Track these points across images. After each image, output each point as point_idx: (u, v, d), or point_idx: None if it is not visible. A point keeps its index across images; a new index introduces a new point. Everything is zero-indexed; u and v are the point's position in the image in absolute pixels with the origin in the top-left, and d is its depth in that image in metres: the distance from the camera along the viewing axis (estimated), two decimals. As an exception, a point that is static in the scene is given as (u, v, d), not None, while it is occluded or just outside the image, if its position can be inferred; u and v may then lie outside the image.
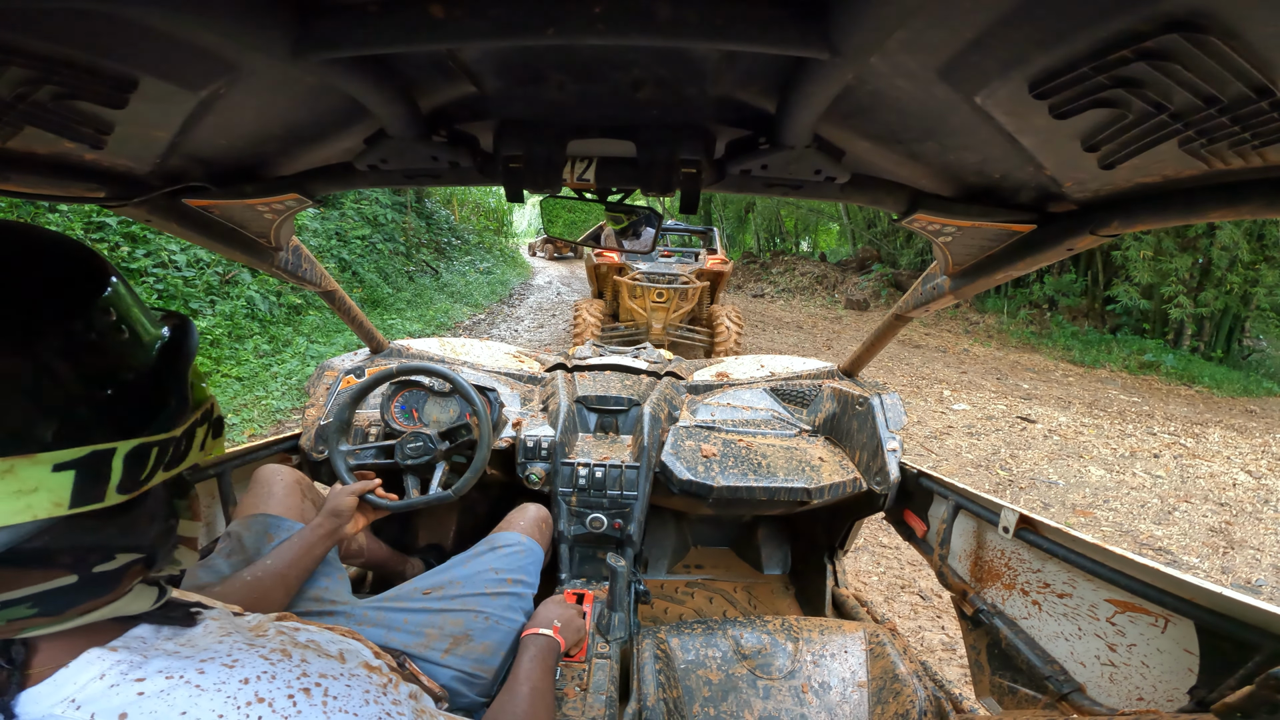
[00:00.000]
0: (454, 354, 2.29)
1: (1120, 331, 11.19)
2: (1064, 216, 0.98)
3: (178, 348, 0.53)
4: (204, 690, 0.47)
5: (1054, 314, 12.02)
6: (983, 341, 10.99)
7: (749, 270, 17.51)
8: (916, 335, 10.94)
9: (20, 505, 0.40)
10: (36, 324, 0.42)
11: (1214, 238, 9.76)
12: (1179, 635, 1.02)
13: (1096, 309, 11.91)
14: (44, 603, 0.45)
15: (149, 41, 0.60)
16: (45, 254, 0.46)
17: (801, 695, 1.25)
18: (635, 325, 6.57)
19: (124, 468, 0.46)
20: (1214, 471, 4.99)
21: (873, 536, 3.37)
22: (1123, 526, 3.88)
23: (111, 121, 0.75)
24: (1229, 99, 0.52)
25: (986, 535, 1.49)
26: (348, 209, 9.09)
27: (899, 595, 2.89)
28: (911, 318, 1.79)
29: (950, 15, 0.53)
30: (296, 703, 0.50)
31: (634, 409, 1.98)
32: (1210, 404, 8.16)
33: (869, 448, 1.82)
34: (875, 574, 3.06)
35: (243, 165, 1.07)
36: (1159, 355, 10.01)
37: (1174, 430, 6.23)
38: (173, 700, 0.46)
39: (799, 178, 0.95)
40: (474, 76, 0.81)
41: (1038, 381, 8.24)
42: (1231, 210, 0.73)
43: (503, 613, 1.26)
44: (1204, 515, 4.12)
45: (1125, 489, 4.49)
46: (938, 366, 8.56)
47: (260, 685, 0.49)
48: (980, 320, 12.28)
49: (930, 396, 6.77)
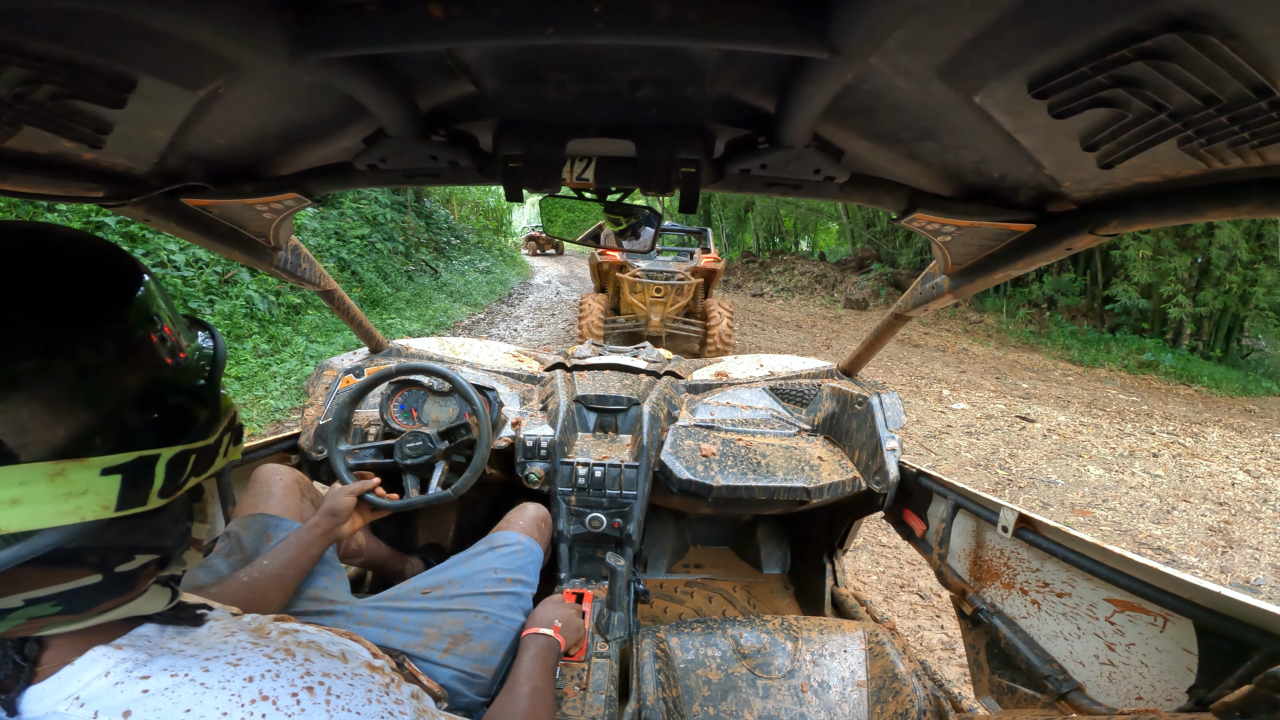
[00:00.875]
0: (453, 353, 2.29)
1: (1119, 331, 11.27)
2: (1063, 216, 0.98)
3: (212, 358, 0.55)
4: (209, 688, 0.48)
5: (1053, 313, 12.08)
6: (982, 341, 11.04)
7: (748, 269, 17.52)
8: (915, 335, 10.97)
9: (70, 507, 0.42)
10: (78, 325, 0.43)
11: (1213, 237, 9.77)
12: (1178, 635, 1.02)
13: (1095, 308, 11.96)
14: (68, 601, 0.46)
15: (147, 41, 0.60)
16: (81, 256, 0.46)
17: (801, 695, 1.25)
18: (635, 318, 7.13)
19: (166, 473, 0.47)
20: (1213, 471, 5.00)
21: (872, 536, 3.38)
22: (1121, 526, 3.88)
23: (110, 121, 0.75)
24: (1228, 99, 0.52)
25: (986, 534, 1.49)
26: (347, 208, 9.08)
27: (898, 594, 2.90)
28: (911, 317, 1.79)
29: (949, 15, 0.53)
30: (300, 701, 0.50)
31: (633, 408, 1.98)
32: (1209, 403, 8.18)
33: (868, 447, 1.82)
34: (875, 573, 3.07)
35: (242, 165, 1.07)
36: (1158, 355, 10.05)
37: (1173, 430, 6.26)
38: (177, 698, 0.46)
39: (798, 177, 0.95)
40: (473, 76, 0.81)
41: (1037, 381, 8.26)
42: (1230, 210, 0.73)
43: (502, 612, 1.26)
44: (1203, 514, 4.13)
45: (1124, 488, 4.49)
46: (937, 366, 8.57)
47: (264, 684, 0.50)
48: (980, 320, 12.31)
49: (930, 396, 6.77)
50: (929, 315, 11.89)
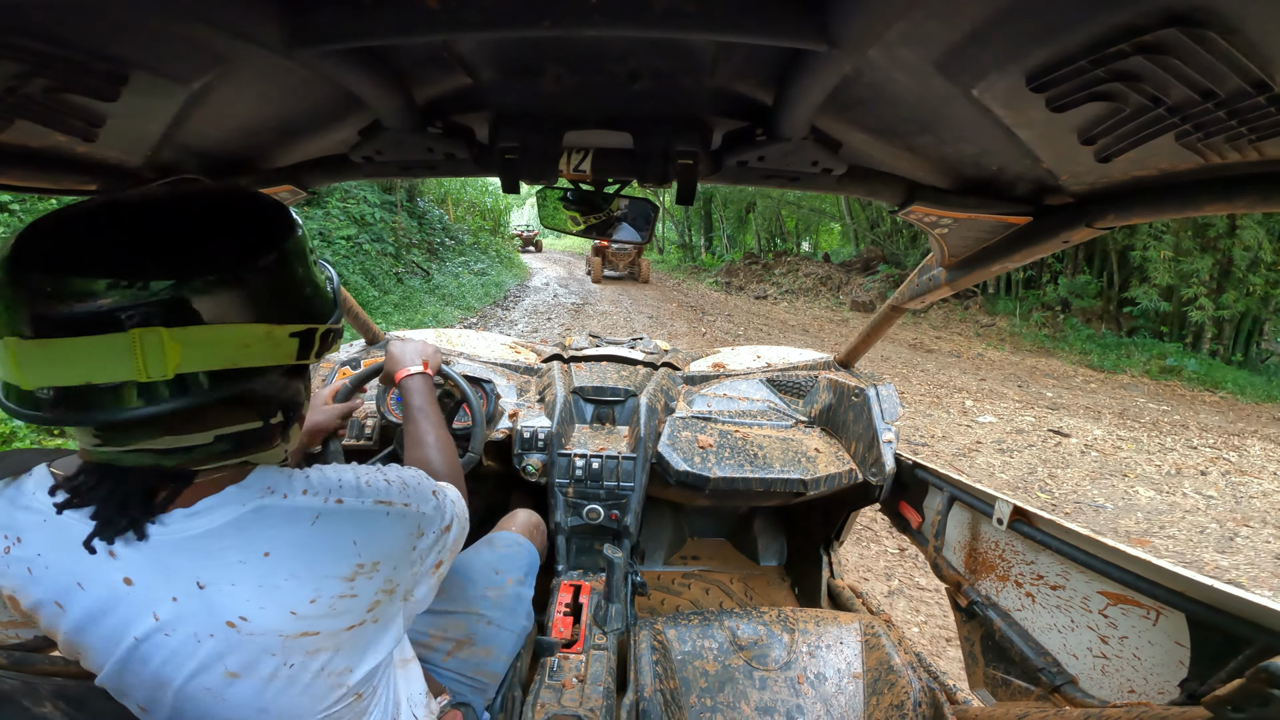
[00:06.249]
0: (450, 345, 2.29)
1: (1137, 334, 10.80)
2: (1060, 209, 0.98)
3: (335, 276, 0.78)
4: (343, 469, 0.71)
5: (1067, 316, 11.60)
6: (996, 345, 10.63)
7: (751, 271, 17.11)
8: (928, 339, 10.61)
9: (278, 353, 0.63)
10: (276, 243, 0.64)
11: (1236, 237, 9.34)
12: (1170, 628, 1.03)
13: (1111, 311, 11.47)
14: (235, 441, 0.65)
15: (141, 34, 0.60)
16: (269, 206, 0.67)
17: (797, 686, 1.26)
18: (614, 266, 15.86)
19: (319, 342, 0.69)
20: (1266, 490, 4.64)
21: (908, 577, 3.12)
22: (1185, 556, 3.56)
23: (103, 114, 0.75)
24: (1226, 93, 0.52)
25: (981, 527, 1.50)
26: (332, 208, 8.78)
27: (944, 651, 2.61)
28: (908, 309, 1.79)
29: (948, 8, 0.52)
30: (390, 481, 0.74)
31: (630, 400, 1.98)
32: (1238, 412, 7.72)
33: (864, 439, 1.82)
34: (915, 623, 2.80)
35: (236, 157, 1.06)
36: (1180, 360, 9.55)
37: (1213, 443, 5.85)
38: (327, 473, 0.69)
39: (796, 169, 0.95)
40: (469, 68, 0.81)
41: (1060, 389, 7.85)
42: (1226, 204, 0.74)
43: (504, 617, 1.25)
44: (1266, 541, 3.79)
45: (1178, 512, 4.15)
46: (954, 373, 8.19)
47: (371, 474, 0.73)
48: (992, 323, 11.85)
49: (953, 408, 6.34)
50: (939, 318, 11.74)
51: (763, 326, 10.93)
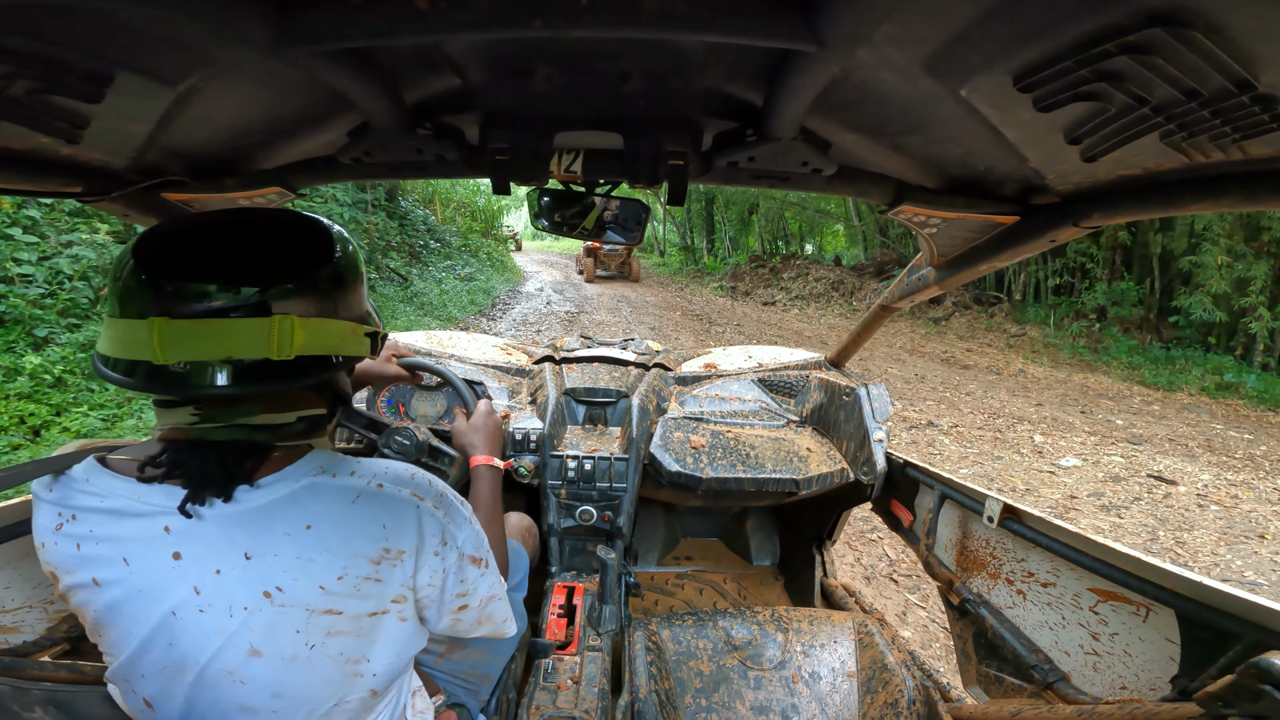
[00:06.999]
0: (441, 347, 2.27)
1: (1183, 345, 9.79)
2: (1047, 208, 0.99)
3: None
4: (390, 461, 0.78)
5: (1105, 326, 10.56)
6: (1034, 359, 9.64)
7: (757, 275, 15.83)
8: (959, 352, 9.74)
9: (360, 347, 0.77)
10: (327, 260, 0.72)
11: None
12: (1160, 624, 1.03)
13: (1152, 320, 10.40)
14: (310, 423, 0.76)
15: (126, 35, 0.59)
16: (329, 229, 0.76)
17: (792, 685, 1.27)
18: (606, 266, 15.97)
19: (380, 342, 0.82)
20: None
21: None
22: None
23: (87, 116, 0.74)
24: (1210, 93, 0.53)
25: (972, 525, 1.51)
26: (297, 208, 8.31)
27: None
28: (898, 308, 1.80)
29: (936, 8, 0.53)
30: (433, 483, 0.79)
31: (622, 401, 1.97)
32: None
33: (856, 438, 1.83)
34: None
35: (223, 159, 1.05)
36: (1239, 375, 8.59)
37: None
38: (374, 464, 0.75)
39: (786, 170, 0.96)
40: (459, 69, 0.81)
41: (1122, 412, 6.94)
42: (1211, 203, 0.74)
43: None
44: None
45: None
46: (1003, 396, 7.21)
47: (421, 473, 0.79)
48: (1023, 332, 10.84)
49: (1024, 447, 5.29)
50: (964, 328, 11.09)
51: (775, 338, 9.88)
